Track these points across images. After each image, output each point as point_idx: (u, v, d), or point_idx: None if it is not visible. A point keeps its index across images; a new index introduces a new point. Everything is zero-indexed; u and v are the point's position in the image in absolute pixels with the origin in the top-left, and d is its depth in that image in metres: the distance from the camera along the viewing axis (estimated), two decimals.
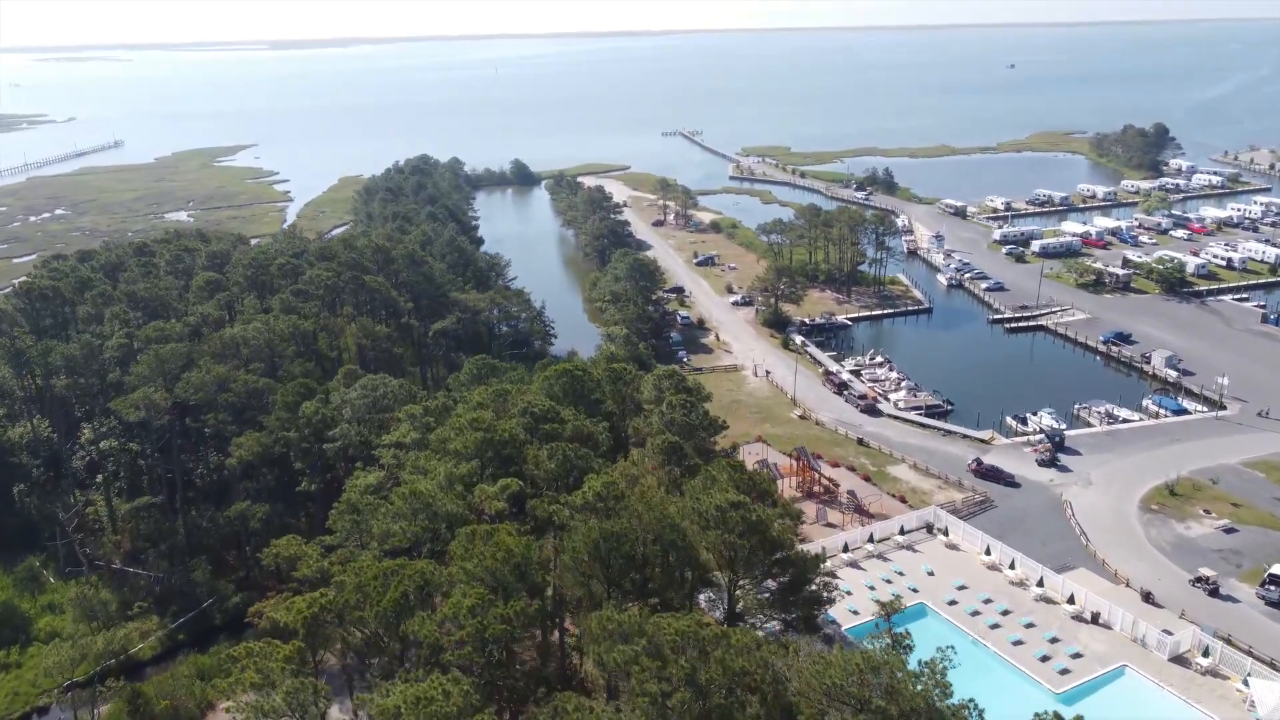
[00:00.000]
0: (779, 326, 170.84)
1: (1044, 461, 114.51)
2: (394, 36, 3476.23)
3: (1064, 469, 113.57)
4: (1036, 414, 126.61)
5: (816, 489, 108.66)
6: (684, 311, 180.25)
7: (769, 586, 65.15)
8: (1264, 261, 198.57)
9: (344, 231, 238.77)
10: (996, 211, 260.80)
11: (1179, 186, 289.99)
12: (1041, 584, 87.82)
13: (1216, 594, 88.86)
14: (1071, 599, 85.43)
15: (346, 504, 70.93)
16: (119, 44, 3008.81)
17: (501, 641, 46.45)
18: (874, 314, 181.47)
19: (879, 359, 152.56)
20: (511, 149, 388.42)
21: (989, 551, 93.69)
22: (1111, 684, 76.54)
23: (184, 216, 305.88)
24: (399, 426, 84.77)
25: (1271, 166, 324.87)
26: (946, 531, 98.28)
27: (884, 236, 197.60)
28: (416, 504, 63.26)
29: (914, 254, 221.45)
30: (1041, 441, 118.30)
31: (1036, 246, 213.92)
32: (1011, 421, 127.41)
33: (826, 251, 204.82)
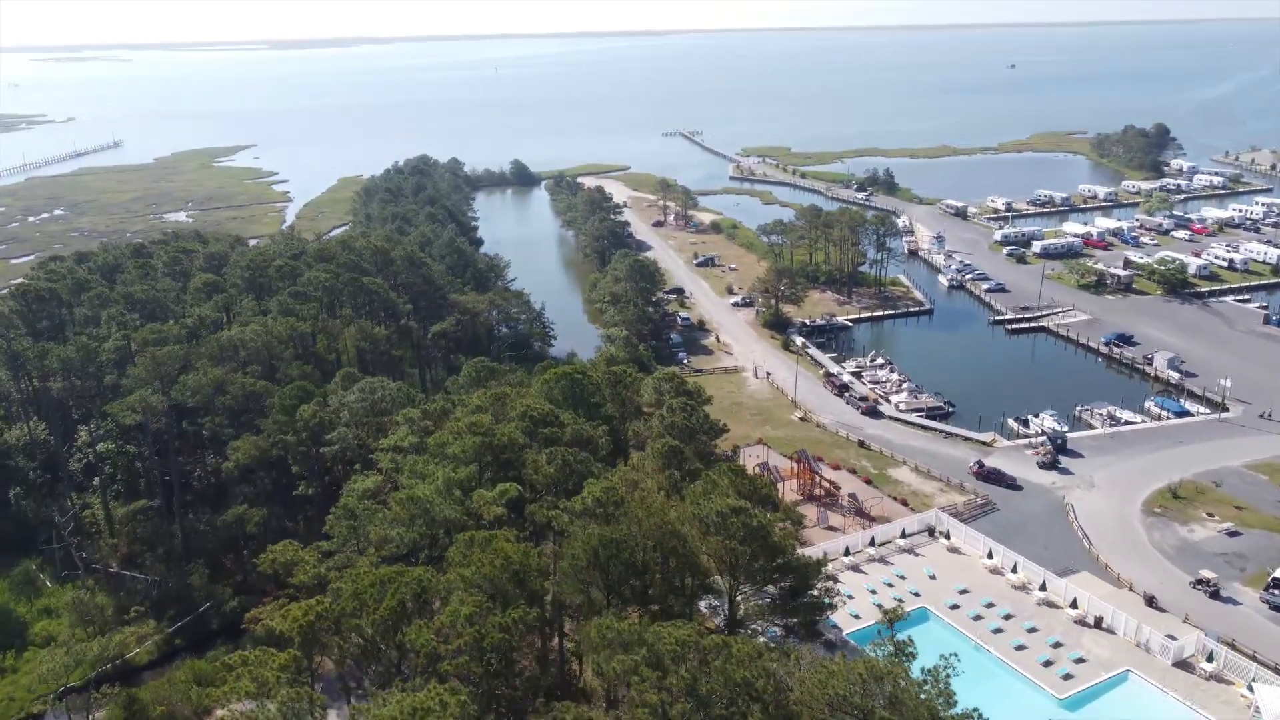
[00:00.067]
0: (779, 328, 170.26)
1: (1044, 464, 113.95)
2: (394, 36, 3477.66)
3: (1065, 471, 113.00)
4: (1038, 416, 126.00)
5: (817, 492, 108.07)
6: (684, 313, 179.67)
7: (770, 592, 64.65)
8: (1266, 262, 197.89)
9: (343, 232, 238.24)
10: (997, 212, 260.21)
11: (1180, 187, 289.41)
12: (1044, 588, 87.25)
13: (1217, 596, 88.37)
14: (1074, 603, 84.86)
15: (343, 509, 70.34)
16: (119, 44, 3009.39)
17: (500, 650, 45.86)
18: (875, 315, 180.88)
19: (880, 360, 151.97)
20: (511, 149, 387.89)
21: (991, 555, 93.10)
22: (1115, 689, 76.01)
23: (183, 217, 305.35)
24: (397, 430, 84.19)
25: (1273, 167, 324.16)
26: (948, 535, 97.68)
27: (885, 237, 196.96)
28: (414, 509, 62.68)
29: (915, 255, 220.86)
30: (1043, 444, 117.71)
31: (1038, 247, 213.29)
32: (1013, 424, 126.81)
33: (827, 252, 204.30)
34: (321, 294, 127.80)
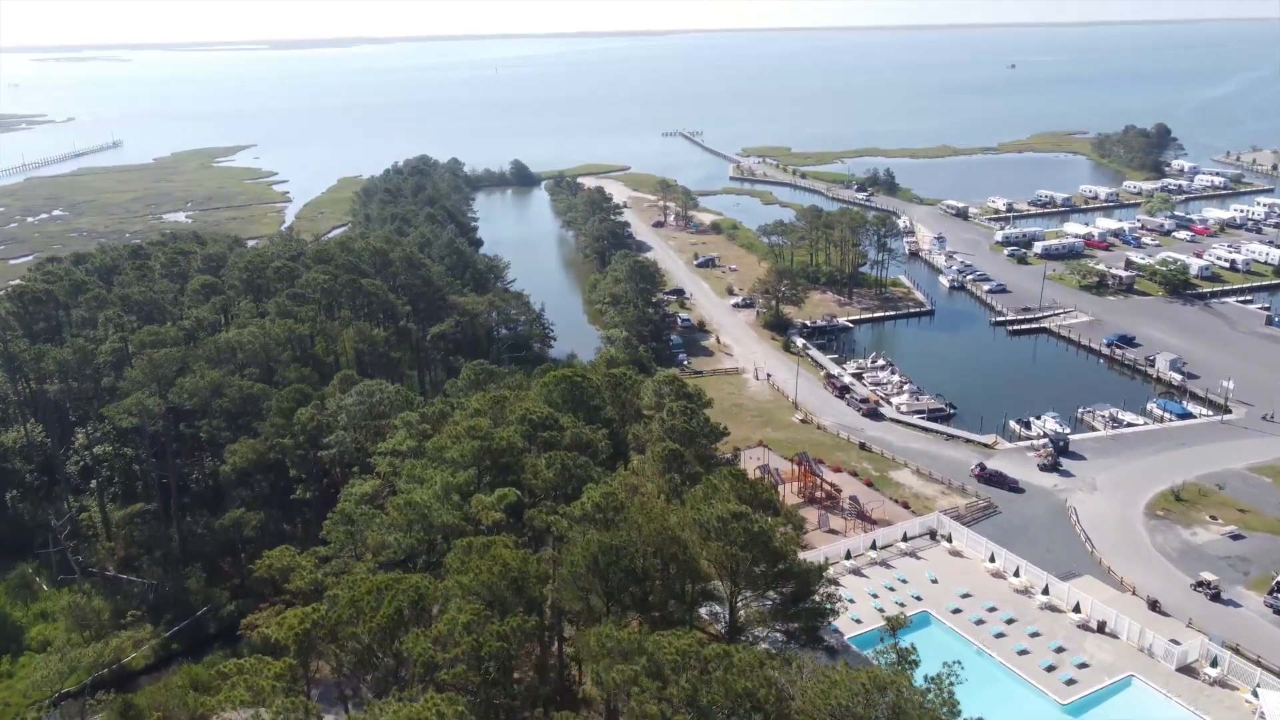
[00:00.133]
0: (780, 329, 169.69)
1: (1045, 466, 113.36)
2: (394, 36, 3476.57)
3: (1065, 474, 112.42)
4: (1040, 418, 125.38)
5: (818, 494, 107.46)
6: (684, 314, 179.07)
7: (771, 598, 64.06)
8: (1268, 263, 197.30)
9: (342, 233, 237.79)
10: (998, 213, 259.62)
11: (1181, 187, 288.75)
12: (1047, 592, 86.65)
13: (1218, 599, 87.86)
14: (1077, 607, 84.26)
15: (341, 514, 69.71)
16: (119, 44, 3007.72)
17: (498, 659, 45.28)
18: (875, 316, 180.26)
19: (881, 362, 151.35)
20: (511, 149, 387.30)
21: (993, 559, 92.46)
22: (1119, 695, 75.43)
23: (182, 217, 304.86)
24: (395, 433, 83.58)
25: (1274, 167, 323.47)
26: (950, 538, 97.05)
27: (886, 238, 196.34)
28: (412, 515, 62.06)
29: (916, 255, 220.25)
30: (1044, 446, 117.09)
31: (1039, 248, 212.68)
32: (1015, 425, 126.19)
33: (828, 253, 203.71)
34: (320, 296, 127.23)
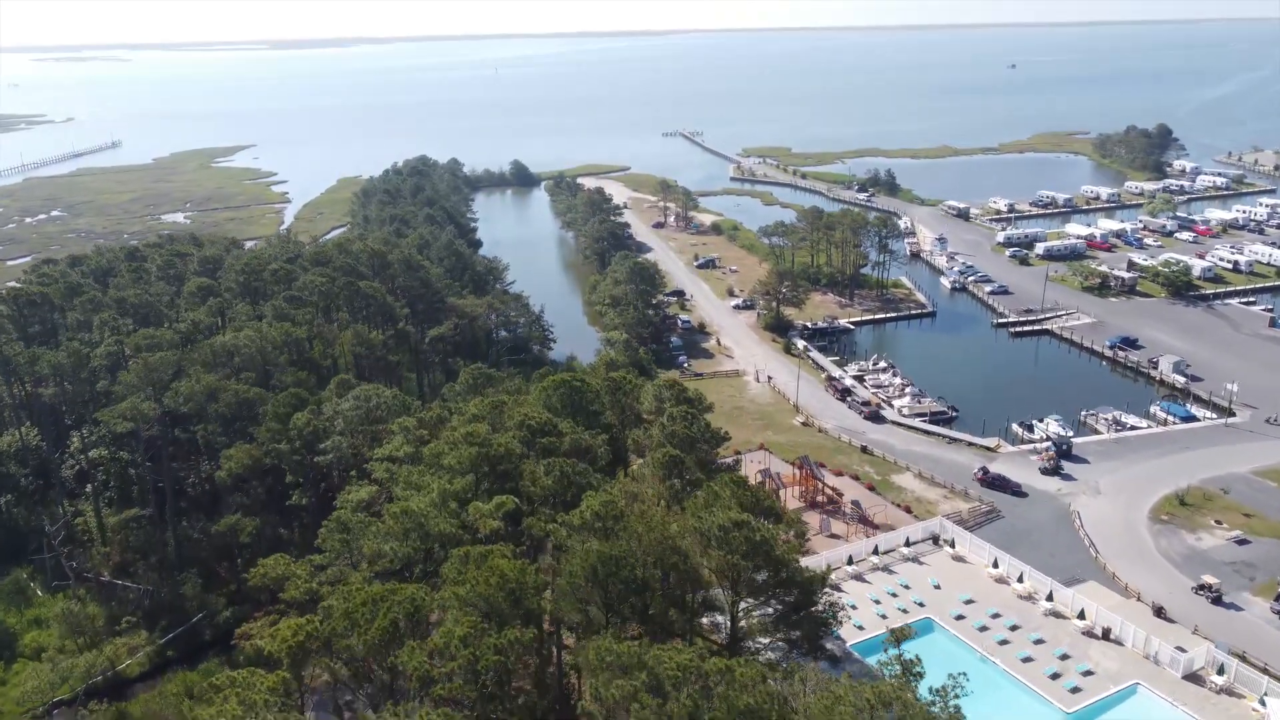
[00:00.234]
0: (781, 331, 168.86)
1: (1047, 470, 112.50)
2: (394, 36, 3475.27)
3: (1068, 477, 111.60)
4: (1043, 421, 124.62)
5: (820, 499, 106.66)
6: (685, 315, 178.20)
7: (773, 606, 63.18)
8: (1271, 264, 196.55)
9: (341, 234, 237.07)
10: (999, 213, 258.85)
11: (1183, 188, 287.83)
12: (1051, 598, 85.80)
13: (1219, 602, 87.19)
14: (1082, 614, 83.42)
15: (336, 522, 68.78)
16: (119, 44, 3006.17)
17: (495, 673, 44.42)
18: (877, 318, 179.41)
19: (882, 364, 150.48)
20: (511, 149, 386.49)
21: (997, 564, 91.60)
22: (1124, 703, 74.64)
23: (181, 218, 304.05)
24: (392, 439, 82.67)
25: (1276, 168, 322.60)
26: (953, 543, 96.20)
27: (887, 239, 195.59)
28: (408, 523, 61.14)
29: (917, 256, 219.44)
30: (1047, 449, 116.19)
31: (1041, 249, 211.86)
32: (1018, 429, 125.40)
33: (829, 254, 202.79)
34: (317, 298, 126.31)
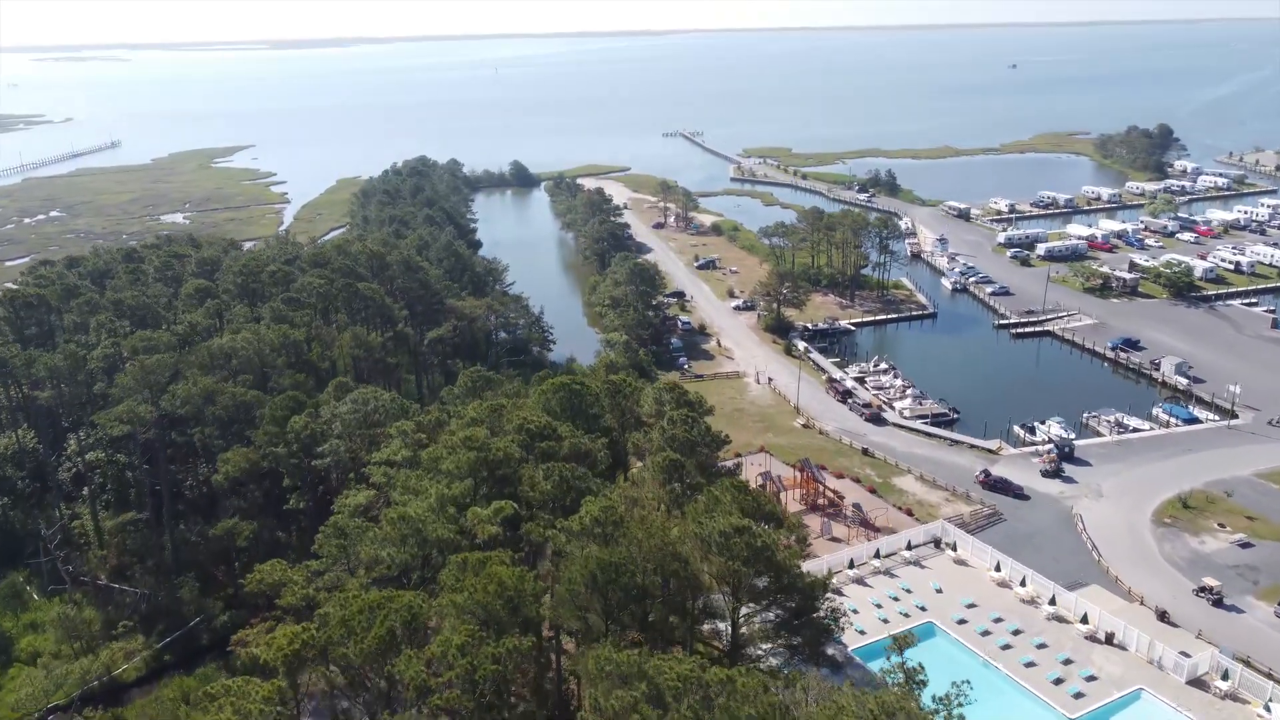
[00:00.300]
0: (781, 332, 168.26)
1: (1048, 472, 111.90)
2: (394, 36, 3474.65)
3: (1069, 480, 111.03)
4: (1045, 423, 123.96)
5: (821, 501, 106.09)
6: (685, 316, 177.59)
7: (774, 612, 62.61)
8: (1273, 265, 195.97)
9: (340, 235, 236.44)
10: (1000, 214, 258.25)
11: (1184, 188, 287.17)
12: (1053, 602, 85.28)
13: (1220, 604, 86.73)
14: (1085, 618, 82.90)
15: (333, 527, 68.16)
16: (119, 44, 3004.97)
17: (492, 682, 43.83)
18: (877, 319, 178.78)
19: (883, 365, 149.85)
20: (511, 150, 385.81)
21: (999, 568, 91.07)
22: (1128, 708, 74.21)
23: (180, 218, 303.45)
24: (390, 443, 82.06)
25: (1277, 168, 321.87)
26: (955, 547, 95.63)
27: (887, 240, 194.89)
28: (406, 529, 60.53)
29: (918, 257, 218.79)
30: (1049, 451, 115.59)
31: (1042, 250, 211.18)
32: (1019, 431, 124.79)
33: (829, 255, 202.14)
34: (315, 300, 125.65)
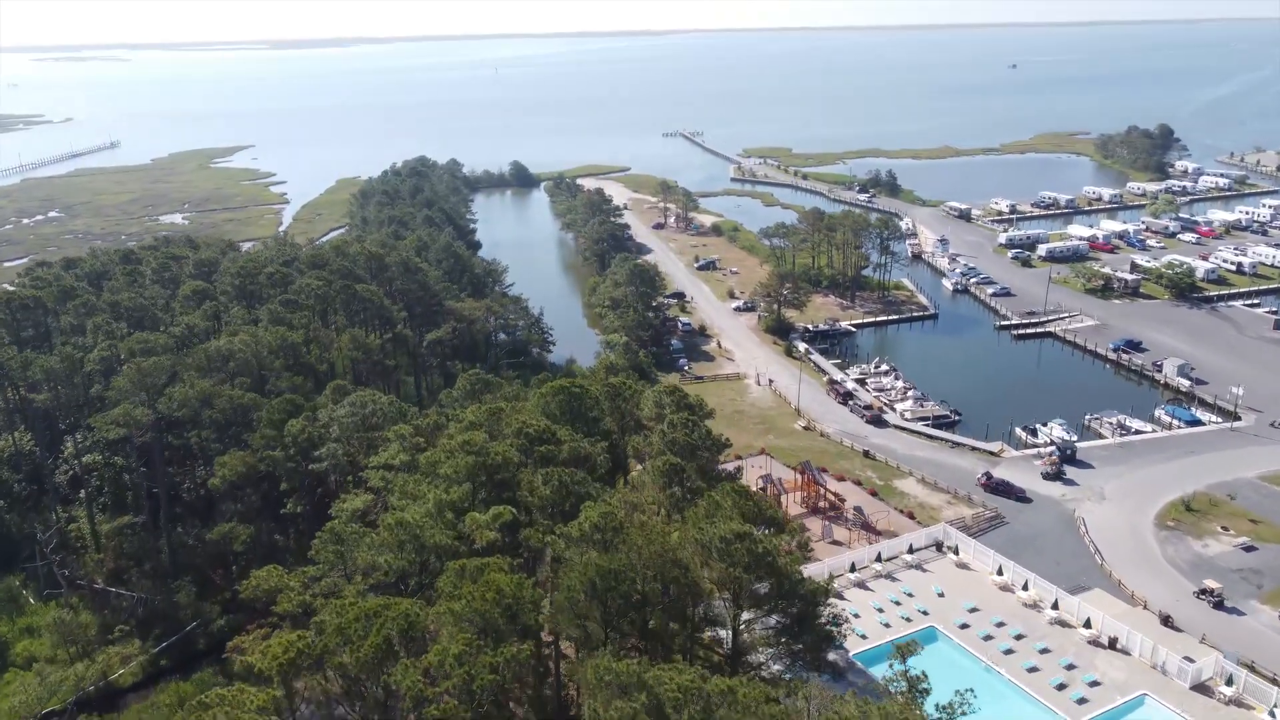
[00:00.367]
0: (782, 333, 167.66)
1: (1049, 474, 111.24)
2: (394, 36, 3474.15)
3: (1070, 482, 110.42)
4: (1047, 425, 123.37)
5: (822, 504, 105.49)
6: (685, 318, 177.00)
7: (775, 618, 62.04)
8: (1274, 266, 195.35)
9: (339, 235, 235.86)
10: (1001, 214, 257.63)
11: (1185, 189, 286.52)
12: (1056, 606, 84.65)
13: (1221, 606, 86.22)
14: (1088, 623, 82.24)
15: (330, 533, 67.56)
16: (119, 44, 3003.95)
17: (491, 692, 43.23)
18: (878, 320, 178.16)
19: (884, 367, 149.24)
20: (510, 150, 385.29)
21: (1001, 571, 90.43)
22: (1131, 714, 73.61)
23: (179, 219, 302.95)
24: (388, 447, 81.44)
25: (1279, 168, 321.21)
26: (957, 550, 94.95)
27: (888, 240, 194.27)
28: (403, 535, 59.94)
29: (918, 258, 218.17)
30: (1051, 454, 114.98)
31: (1043, 250, 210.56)
32: (1021, 433, 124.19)
33: (830, 256, 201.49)
34: (314, 302, 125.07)
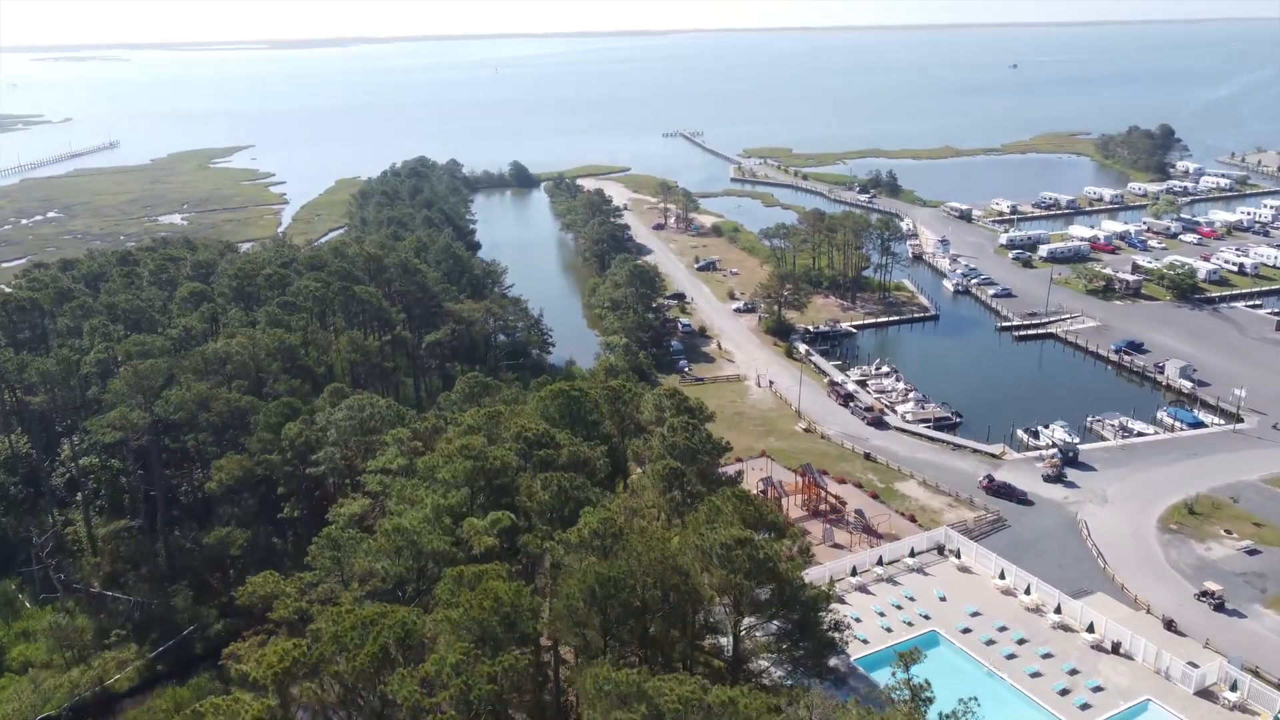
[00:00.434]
0: (782, 334, 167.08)
1: (1050, 477, 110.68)
2: (394, 36, 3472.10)
3: (1071, 485, 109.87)
4: (1048, 427, 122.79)
5: (823, 507, 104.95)
6: (685, 319, 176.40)
7: (776, 624, 61.46)
8: (1276, 267, 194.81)
9: (339, 236, 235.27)
10: (1002, 215, 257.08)
11: (1186, 189, 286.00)
12: (1059, 610, 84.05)
13: (1222, 609, 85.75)
14: (1091, 627, 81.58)
15: (327, 538, 66.93)
16: (119, 44, 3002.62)
17: (489, 703, 42.61)
18: (879, 321, 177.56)
19: (885, 368, 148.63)
20: (510, 150, 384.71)
21: (1003, 575, 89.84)
22: None
23: (178, 219, 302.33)
24: (385, 451, 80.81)
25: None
26: (958, 553, 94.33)
27: (889, 241, 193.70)
28: (400, 540, 59.35)
29: (919, 259, 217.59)
30: (1053, 456, 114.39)
31: (1044, 251, 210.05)
32: (1023, 435, 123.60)
33: (830, 257, 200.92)
34: (312, 304, 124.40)
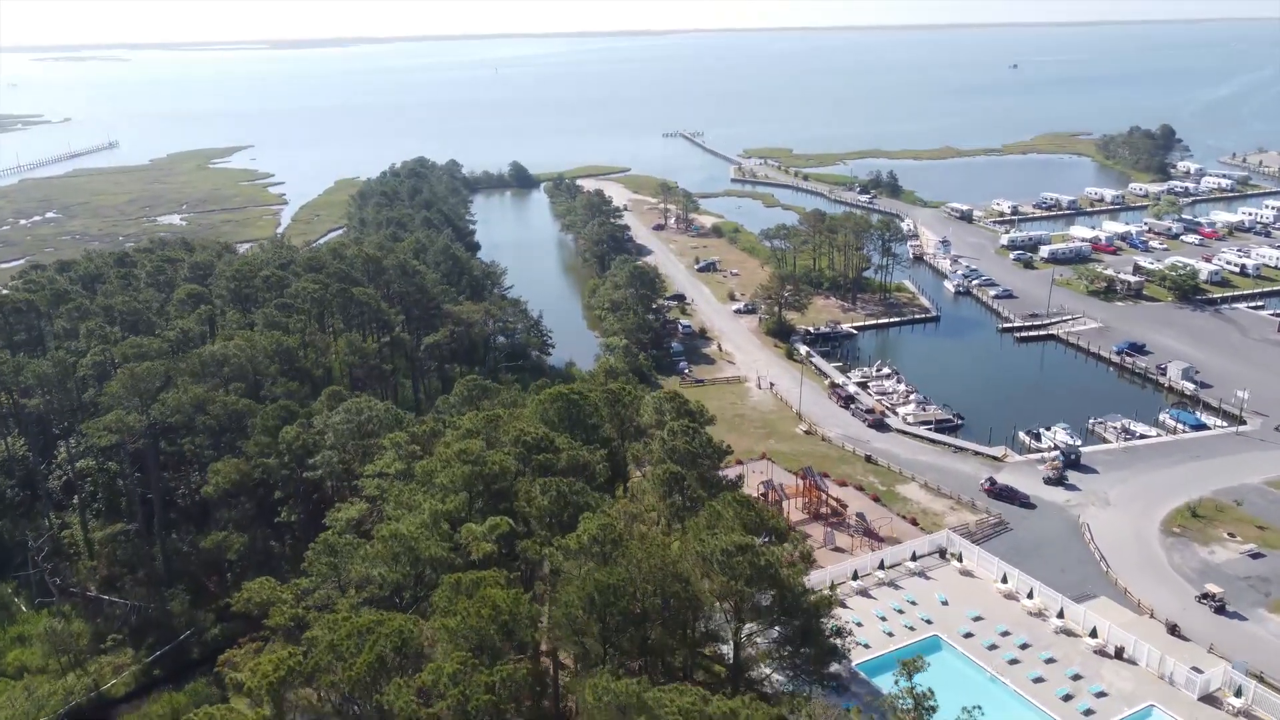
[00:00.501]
0: (783, 335, 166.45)
1: (1051, 479, 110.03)
2: (394, 36, 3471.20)
3: (1073, 487, 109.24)
4: (1050, 429, 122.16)
5: (824, 511, 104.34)
6: (685, 320, 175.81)
7: (778, 630, 60.88)
8: (1278, 268, 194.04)
9: (337, 237, 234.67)
10: (1003, 215, 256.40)
11: (1188, 190, 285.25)
12: (1062, 615, 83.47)
13: (1223, 611, 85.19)
14: (1094, 632, 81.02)
15: (323, 544, 66.28)
16: (119, 44, 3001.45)
17: (486, 713, 42.01)
18: (880, 323, 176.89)
19: (886, 370, 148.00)
20: (510, 150, 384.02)
21: (1005, 579, 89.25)
22: None
23: (177, 220, 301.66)
24: (383, 455, 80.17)
25: None
26: (960, 557, 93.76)
27: (890, 242, 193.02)
28: (398, 546, 58.72)
29: (920, 260, 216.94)
30: (1054, 458, 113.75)
31: (1045, 252, 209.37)
32: (1025, 437, 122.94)
33: (831, 257, 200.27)
34: (310, 305, 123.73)
